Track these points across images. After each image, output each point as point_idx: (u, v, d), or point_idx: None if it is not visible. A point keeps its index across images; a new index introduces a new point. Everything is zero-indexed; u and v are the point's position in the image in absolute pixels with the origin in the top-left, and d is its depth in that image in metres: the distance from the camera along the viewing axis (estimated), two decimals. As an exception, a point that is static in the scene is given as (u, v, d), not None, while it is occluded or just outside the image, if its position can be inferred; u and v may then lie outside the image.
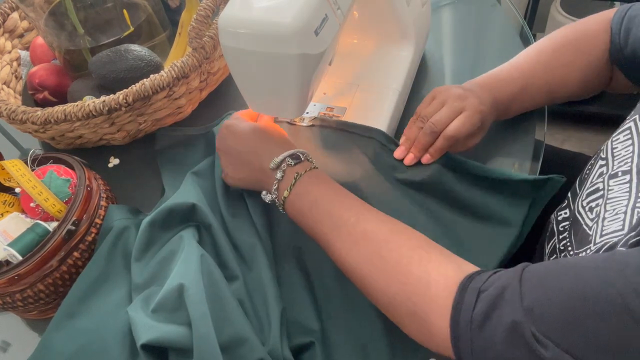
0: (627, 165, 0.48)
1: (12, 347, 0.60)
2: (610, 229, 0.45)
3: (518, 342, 0.35)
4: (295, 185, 0.51)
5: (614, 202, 0.47)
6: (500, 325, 0.36)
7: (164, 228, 0.58)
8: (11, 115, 0.67)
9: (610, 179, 0.49)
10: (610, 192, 0.48)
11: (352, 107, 0.67)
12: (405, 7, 0.65)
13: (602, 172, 0.51)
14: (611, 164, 0.50)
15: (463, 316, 0.39)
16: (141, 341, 0.46)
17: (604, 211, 0.47)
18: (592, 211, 0.50)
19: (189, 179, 0.63)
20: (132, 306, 0.51)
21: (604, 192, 0.49)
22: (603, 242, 0.45)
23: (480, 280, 0.40)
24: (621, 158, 0.49)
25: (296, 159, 0.53)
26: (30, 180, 0.57)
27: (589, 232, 0.48)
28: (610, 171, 0.50)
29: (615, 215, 0.46)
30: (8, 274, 0.52)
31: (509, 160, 0.63)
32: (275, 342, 0.48)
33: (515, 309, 0.36)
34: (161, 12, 0.81)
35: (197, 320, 0.46)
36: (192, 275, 0.50)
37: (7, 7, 0.83)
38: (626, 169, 0.48)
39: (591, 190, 0.52)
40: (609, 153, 0.52)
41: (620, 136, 0.51)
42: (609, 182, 0.49)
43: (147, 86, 0.65)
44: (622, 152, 0.50)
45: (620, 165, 0.49)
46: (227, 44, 0.49)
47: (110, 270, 0.56)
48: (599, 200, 0.49)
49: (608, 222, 0.46)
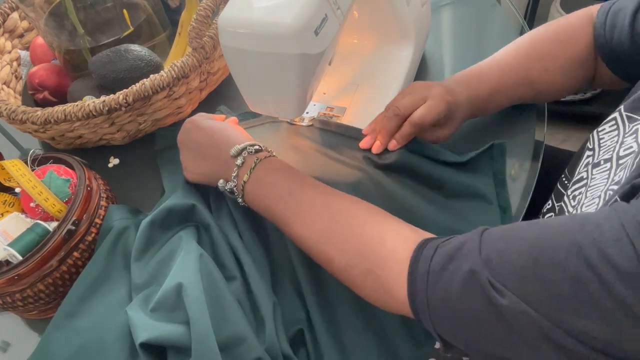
0: (609, 154, 0.48)
1: (12, 347, 0.60)
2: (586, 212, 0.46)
3: (474, 290, 0.35)
4: (255, 169, 0.53)
5: (593, 188, 0.47)
6: (457, 275, 0.37)
7: (163, 228, 0.58)
8: (11, 115, 0.67)
9: (593, 168, 0.50)
10: (592, 180, 0.49)
11: (351, 107, 0.67)
12: (405, 7, 0.65)
13: (588, 162, 0.52)
14: (597, 153, 0.51)
15: (420, 270, 0.39)
16: (140, 340, 0.46)
17: (584, 198, 0.48)
18: (574, 199, 0.50)
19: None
20: (131, 306, 0.51)
21: (587, 180, 0.50)
22: None
23: (439, 240, 0.41)
24: (605, 148, 0.50)
25: (256, 148, 0.55)
26: (30, 180, 0.57)
27: None
28: (595, 160, 0.50)
29: (592, 200, 0.46)
30: (8, 274, 0.52)
31: (509, 160, 0.63)
32: (272, 339, 0.48)
33: (473, 259, 0.36)
34: (161, 12, 0.81)
35: (195, 319, 0.46)
36: (190, 274, 0.50)
37: (7, 7, 0.83)
38: (607, 157, 0.48)
39: (577, 179, 0.52)
40: (595, 143, 0.52)
41: (606, 126, 0.51)
42: (592, 172, 0.50)
43: (147, 86, 0.65)
44: (607, 142, 0.50)
45: (604, 154, 0.49)
46: (227, 44, 0.49)
47: (110, 270, 0.56)
48: (582, 189, 0.50)
49: (585, 207, 0.47)
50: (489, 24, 0.84)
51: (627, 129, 0.48)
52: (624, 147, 0.47)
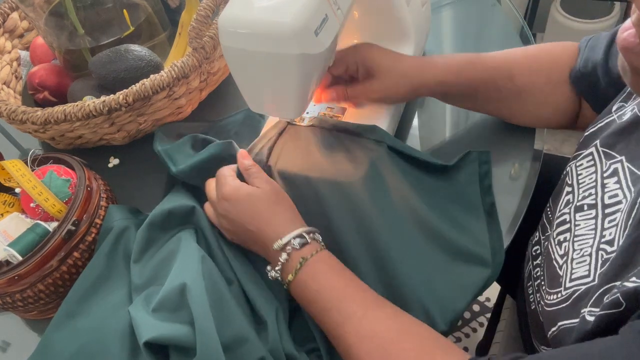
0: (592, 198, 0.47)
1: (12, 347, 0.60)
2: (578, 273, 0.45)
3: None
4: (300, 271, 0.49)
5: (581, 240, 0.47)
6: None
7: (162, 229, 0.59)
8: (11, 115, 0.67)
9: (576, 212, 0.49)
10: (577, 228, 0.48)
11: (351, 107, 0.67)
12: (405, 7, 0.65)
13: (568, 200, 0.51)
14: (576, 192, 0.50)
15: None
16: (144, 339, 0.46)
17: (572, 250, 0.47)
18: (560, 246, 0.50)
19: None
20: (132, 306, 0.51)
21: (571, 225, 0.49)
22: (573, 288, 0.45)
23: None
24: (585, 187, 0.49)
25: (302, 240, 0.50)
26: (30, 181, 0.57)
27: (560, 272, 0.48)
28: (576, 202, 0.49)
29: (582, 257, 0.45)
30: (8, 274, 0.52)
31: (509, 160, 0.63)
32: (275, 340, 0.48)
33: None
34: (161, 12, 0.81)
35: (200, 318, 0.46)
36: (193, 275, 0.50)
37: (7, 7, 0.83)
38: (591, 203, 0.47)
39: (560, 220, 0.51)
40: (574, 180, 0.51)
41: (584, 162, 0.51)
42: (575, 216, 0.49)
43: (147, 86, 0.65)
44: (586, 180, 0.49)
45: (585, 197, 0.48)
46: (227, 44, 0.49)
47: (110, 271, 0.56)
48: (567, 235, 0.49)
49: (576, 263, 0.46)
50: (489, 24, 0.84)
51: (604, 167, 0.48)
52: (608, 192, 0.46)
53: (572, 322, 0.42)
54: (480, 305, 1.38)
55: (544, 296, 0.50)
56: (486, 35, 0.82)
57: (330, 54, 0.55)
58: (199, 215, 0.59)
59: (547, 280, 0.50)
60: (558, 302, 0.46)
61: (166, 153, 0.65)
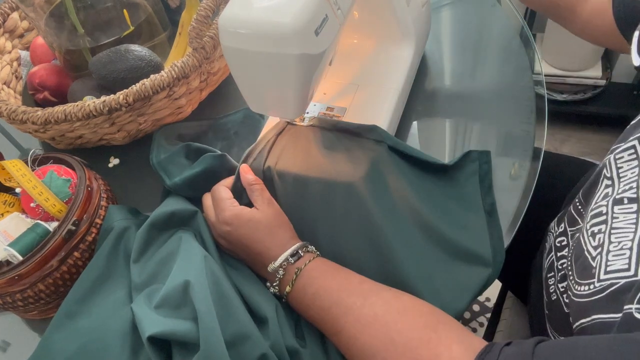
0: (633, 191, 0.46)
1: (12, 347, 0.60)
2: (615, 265, 0.44)
3: None
4: (296, 281, 0.51)
5: (619, 233, 0.46)
6: None
7: (163, 231, 0.59)
8: (11, 115, 0.67)
9: (615, 205, 0.48)
10: (615, 221, 0.47)
11: (352, 107, 0.67)
12: (405, 7, 0.65)
13: (607, 194, 0.50)
14: (617, 185, 0.49)
15: None
16: (147, 333, 0.46)
17: (608, 242, 0.46)
18: (594, 237, 0.49)
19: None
20: (135, 303, 0.51)
21: (607, 218, 0.48)
22: (609, 281, 0.44)
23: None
24: (626, 181, 0.48)
25: (295, 256, 0.53)
26: (30, 180, 0.57)
27: (592, 263, 0.47)
28: (615, 194, 0.48)
29: (621, 250, 0.44)
30: (8, 274, 0.52)
31: (509, 160, 0.63)
32: (276, 336, 0.48)
33: None
34: (161, 12, 0.81)
35: (203, 314, 0.47)
36: (196, 272, 0.50)
37: (7, 7, 0.83)
38: (632, 196, 0.46)
39: (595, 212, 0.50)
40: (614, 172, 0.50)
41: (625, 154, 0.50)
42: (613, 209, 0.48)
43: (147, 86, 0.65)
44: (627, 174, 0.48)
45: (626, 190, 0.47)
46: (227, 44, 0.49)
47: (110, 271, 0.57)
48: (602, 227, 0.48)
49: (612, 256, 0.45)
50: (489, 24, 0.84)
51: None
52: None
53: (611, 317, 0.41)
54: (480, 305, 1.38)
55: (572, 287, 0.49)
56: (486, 35, 0.82)
57: (330, 53, 0.55)
58: (200, 219, 0.59)
59: (576, 271, 0.49)
60: (590, 293, 0.45)
61: (160, 166, 0.65)
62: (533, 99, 0.69)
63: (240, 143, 0.69)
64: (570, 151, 1.67)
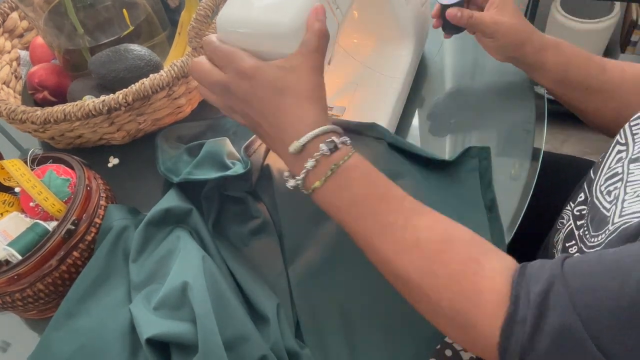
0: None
1: (12, 347, 0.60)
2: (630, 209, 0.43)
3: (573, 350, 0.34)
4: (330, 178, 0.44)
5: (635, 184, 0.45)
6: (551, 332, 0.35)
7: (160, 229, 0.59)
8: (11, 115, 0.67)
9: (630, 163, 0.47)
10: (630, 176, 0.46)
11: (351, 106, 0.67)
12: (405, 7, 0.65)
13: (621, 157, 0.49)
14: (631, 147, 0.49)
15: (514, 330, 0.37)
16: (146, 336, 0.46)
17: (623, 193, 0.45)
18: (610, 194, 0.48)
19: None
20: (133, 304, 0.51)
21: (624, 175, 0.47)
22: (622, 221, 0.43)
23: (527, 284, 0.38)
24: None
25: (330, 145, 0.44)
26: (29, 180, 0.57)
27: (607, 213, 0.46)
28: (631, 155, 0.48)
29: (636, 197, 0.43)
30: (8, 274, 0.52)
31: (509, 160, 0.63)
32: (277, 338, 0.48)
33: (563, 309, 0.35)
34: (161, 12, 0.81)
35: (201, 316, 0.47)
36: (194, 273, 0.50)
37: (7, 7, 0.83)
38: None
39: (610, 174, 0.50)
40: (628, 137, 0.50)
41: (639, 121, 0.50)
42: (629, 167, 0.47)
43: (147, 86, 0.65)
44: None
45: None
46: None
47: (110, 270, 0.56)
48: (618, 184, 0.47)
49: (628, 203, 0.44)
50: (489, 23, 0.84)
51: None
52: None
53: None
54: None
55: (586, 242, 0.48)
56: (486, 35, 0.82)
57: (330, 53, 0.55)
58: (196, 217, 0.59)
59: (591, 227, 0.49)
60: (604, 239, 0.44)
61: (169, 171, 0.65)
62: (533, 99, 0.69)
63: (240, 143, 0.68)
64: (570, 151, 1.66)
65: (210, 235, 0.58)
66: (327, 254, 0.55)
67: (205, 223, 0.59)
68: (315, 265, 0.55)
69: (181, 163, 0.65)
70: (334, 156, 0.44)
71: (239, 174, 0.58)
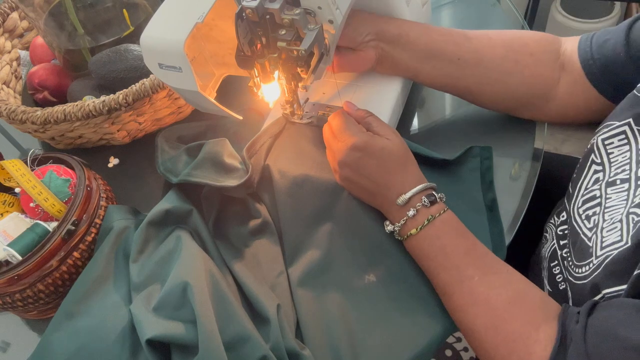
0: (626, 173, 0.47)
1: (12, 347, 0.60)
2: (609, 239, 0.45)
3: None
4: (426, 227, 0.50)
5: (612, 210, 0.47)
6: None
7: (160, 229, 0.59)
8: (11, 115, 0.67)
9: (607, 187, 0.49)
10: (608, 201, 0.48)
11: None
12: (405, 7, 0.64)
13: (598, 179, 0.51)
14: (608, 170, 0.50)
15: None
16: (146, 337, 0.46)
17: (602, 220, 0.47)
18: (589, 220, 0.49)
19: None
20: (133, 304, 0.51)
21: (601, 200, 0.49)
22: (604, 254, 0.44)
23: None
24: (618, 164, 0.49)
25: (431, 198, 0.51)
26: (30, 180, 0.57)
27: (589, 243, 0.48)
28: (608, 178, 0.49)
29: (612, 224, 0.45)
30: (8, 274, 0.52)
31: (509, 160, 0.63)
32: (277, 338, 0.48)
33: None
34: (161, 12, 0.81)
35: (202, 317, 0.47)
36: (194, 274, 0.50)
37: (7, 7, 0.83)
38: (625, 177, 0.47)
39: (587, 197, 0.51)
40: (604, 157, 0.51)
41: (615, 140, 0.50)
42: (606, 190, 0.49)
43: (147, 86, 0.65)
44: (619, 159, 0.49)
45: (618, 173, 0.48)
46: None
47: (110, 270, 0.56)
48: (596, 209, 0.49)
49: (607, 232, 0.46)
50: (489, 24, 0.84)
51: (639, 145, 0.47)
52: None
53: (621, 290, 0.42)
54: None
55: (571, 272, 0.50)
56: (486, 35, 0.82)
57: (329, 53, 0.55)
58: (196, 217, 0.59)
59: (574, 255, 0.50)
60: (588, 272, 0.46)
61: (169, 172, 0.64)
62: (533, 99, 0.69)
63: (240, 143, 0.68)
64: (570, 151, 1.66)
65: (210, 236, 0.58)
66: (327, 254, 0.55)
67: (206, 223, 0.59)
68: (315, 265, 0.55)
69: (181, 163, 0.65)
70: (432, 209, 0.51)
71: (236, 185, 0.58)
